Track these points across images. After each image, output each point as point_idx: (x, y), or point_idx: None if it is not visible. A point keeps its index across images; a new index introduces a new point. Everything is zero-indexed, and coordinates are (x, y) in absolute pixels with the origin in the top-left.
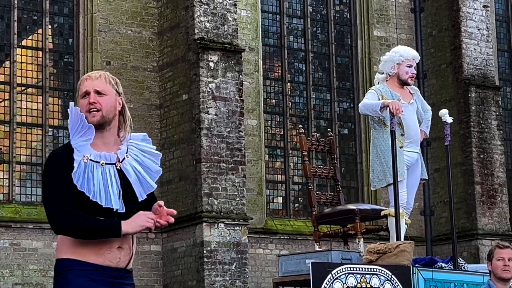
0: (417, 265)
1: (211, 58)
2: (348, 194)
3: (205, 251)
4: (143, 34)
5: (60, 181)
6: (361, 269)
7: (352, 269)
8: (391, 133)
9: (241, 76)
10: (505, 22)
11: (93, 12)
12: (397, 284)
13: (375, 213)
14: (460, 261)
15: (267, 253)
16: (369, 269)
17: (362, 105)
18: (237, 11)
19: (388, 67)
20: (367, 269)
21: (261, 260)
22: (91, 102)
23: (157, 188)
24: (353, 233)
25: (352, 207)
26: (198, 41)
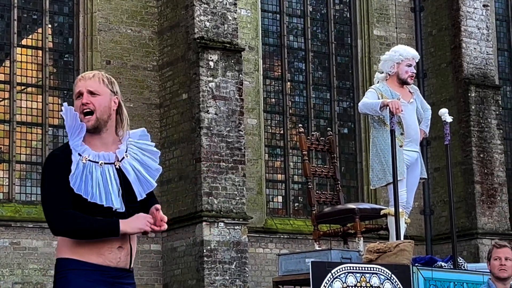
0: (416, 264)
1: (211, 57)
2: (348, 193)
3: (205, 250)
4: (143, 33)
5: (58, 182)
6: (361, 268)
7: (352, 268)
8: (391, 132)
9: (241, 75)
10: (505, 21)
11: (93, 11)
12: (396, 283)
13: (374, 212)
14: (460, 260)
15: (267, 252)
16: (369, 268)
17: (361, 104)
18: (237, 10)
19: (387, 66)
20: (367, 268)
21: (261, 259)
22: (84, 103)
23: (157, 187)
24: (353, 232)
25: (352, 206)
26: (198, 40)
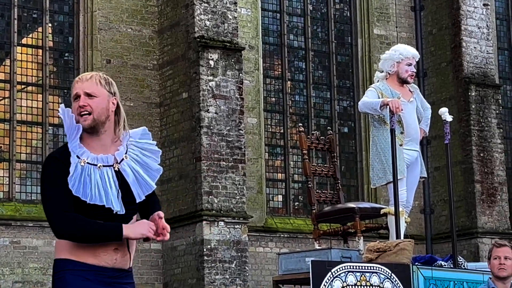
0: (416, 263)
1: (211, 56)
2: (348, 192)
3: (205, 249)
4: (143, 32)
5: (58, 185)
6: (361, 267)
7: (352, 267)
8: (391, 131)
9: (241, 74)
10: (505, 20)
11: (93, 10)
12: (396, 282)
13: (375, 212)
14: (460, 259)
15: (267, 251)
16: (369, 267)
17: (361, 103)
18: (237, 9)
19: (387, 65)
20: (367, 267)
21: (261, 258)
22: (81, 105)
23: (157, 186)
24: (353, 232)
25: (352, 205)
26: (198, 40)
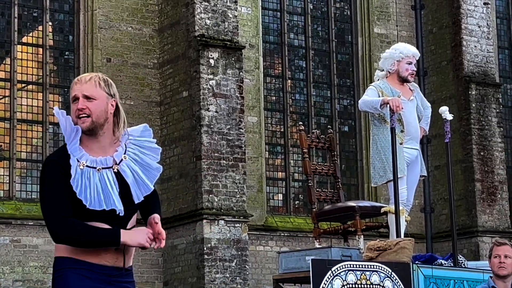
0: (417, 262)
1: (211, 55)
2: (348, 191)
3: (205, 248)
4: (143, 31)
5: (57, 189)
6: (361, 266)
7: (352, 266)
8: (391, 129)
9: (241, 73)
10: (506, 19)
11: (93, 9)
12: (397, 281)
13: (375, 210)
14: (460, 258)
15: (267, 250)
16: (369, 266)
17: (362, 102)
18: (237, 8)
19: (388, 64)
20: (367, 266)
21: (261, 257)
22: (79, 108)
23: (158, 185)
24: (353, 230)
25: (352, 204)
26: (198, 38)
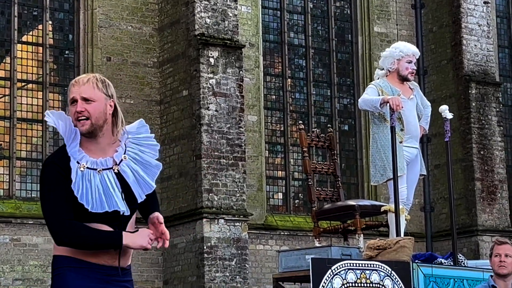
0: (417, 261)
1: (211, 54)
2: (348, 190)
3: (205, 247)
4: (143, 30)
5: (57, 191)
6: (361, 265)
7: (352, 265)
8: (391, 128)
9: (241, 72)
10: (506, 18)
11: (93, 7)
12: (396, 280)
13: (375, 209)
14: (460, 257)
15: (267, 249)
16: (369, 265)
17: (361, 101)
18: (237, 7)
19: (388, 62)
20: (367, 265)
21: (261, 256)
22: (78, 110)
23: (158, 183)
24: (353, 229)
25: (352, 203)
26: (198, 37)
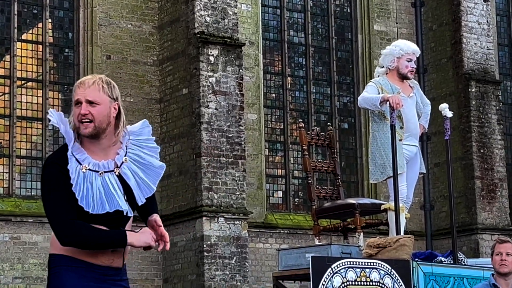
0: (416, 259)
1: (211, 52)
2: (348, 188)
3: (205, 245)
4: (143, 28)
5: (60, 191)
6: (360, 263)
7: (351, 263)
8: (391, 127)
9: (241, 70)
10: (506, 16)
11: (93, 6)
12: (396, 278)
13: (375, 207)
14: (459, 255)
15: (267, 247)
16: (369, 263)
17: (361, 99)
18: (237, 5)
19: (388, 60)
20: (366, 263)
21: (261, 254)
22: (82, 113)
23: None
24: (353, 227)
25: (352, 201)
26: (198, 35)
